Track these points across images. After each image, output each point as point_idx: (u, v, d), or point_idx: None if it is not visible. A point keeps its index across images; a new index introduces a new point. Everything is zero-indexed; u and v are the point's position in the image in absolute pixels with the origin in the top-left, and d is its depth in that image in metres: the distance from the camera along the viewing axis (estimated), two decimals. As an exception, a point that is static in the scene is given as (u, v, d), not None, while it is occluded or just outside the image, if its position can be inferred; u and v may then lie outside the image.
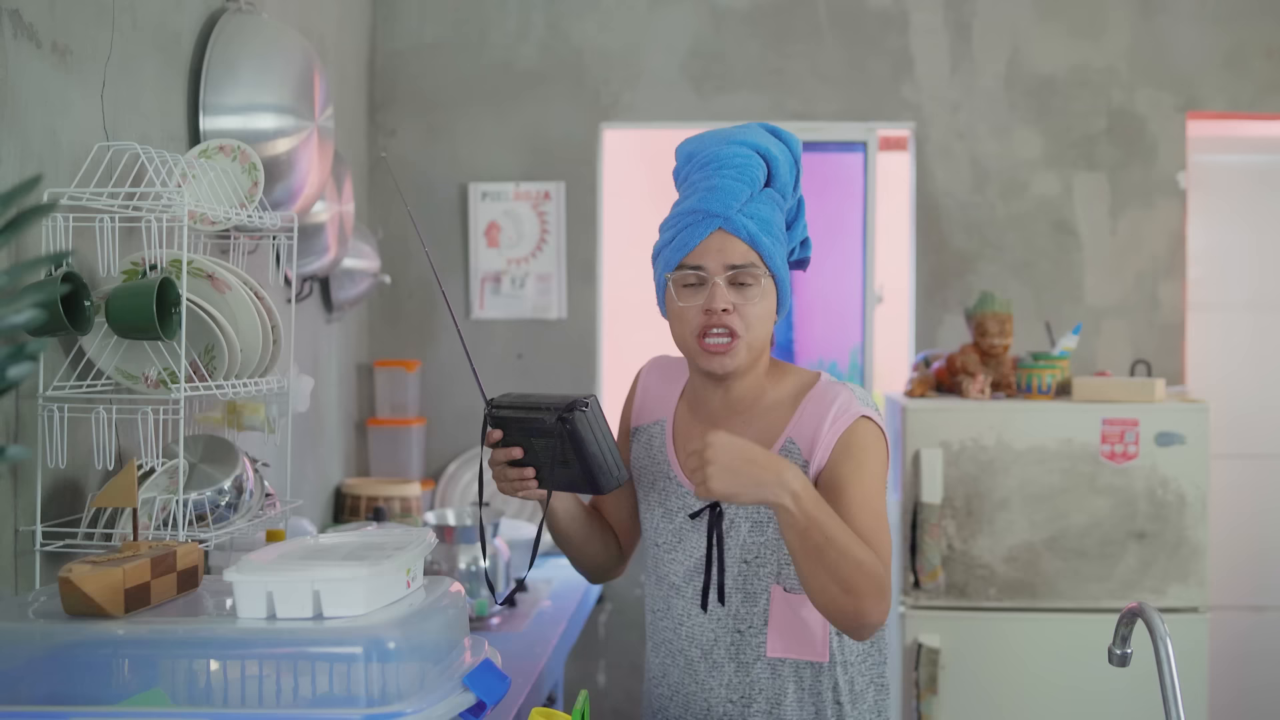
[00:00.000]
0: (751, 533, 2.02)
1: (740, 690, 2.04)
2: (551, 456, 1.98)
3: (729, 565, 2.03)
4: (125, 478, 1.86)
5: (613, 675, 4.25)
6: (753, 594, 2.03)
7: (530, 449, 2.00)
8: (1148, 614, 1.69)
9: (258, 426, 2.50)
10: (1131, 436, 3.47)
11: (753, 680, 2.03)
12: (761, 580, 2.02)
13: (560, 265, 4.22)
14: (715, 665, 2.05)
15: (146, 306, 1.99)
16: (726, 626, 2.04)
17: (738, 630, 2.04)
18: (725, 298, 1.97)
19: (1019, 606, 3.49)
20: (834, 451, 1.97)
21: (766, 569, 2.02)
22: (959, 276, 4.18)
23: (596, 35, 4.23)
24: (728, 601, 2.04)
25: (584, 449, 1.96)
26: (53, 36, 2.09)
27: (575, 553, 2.22)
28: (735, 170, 2.00)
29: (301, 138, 2.70)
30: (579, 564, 2.25)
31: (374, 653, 1.59)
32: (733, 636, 2.04)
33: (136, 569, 1.70)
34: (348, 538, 1.89)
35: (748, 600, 2.03)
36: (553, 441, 1.97)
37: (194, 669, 1.63)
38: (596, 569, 2.27)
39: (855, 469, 1.96)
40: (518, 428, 2.00)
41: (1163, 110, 4.17)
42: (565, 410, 1.94)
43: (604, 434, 1.98)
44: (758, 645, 2.03)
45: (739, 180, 1.99)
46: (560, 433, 1.95)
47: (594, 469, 1.97)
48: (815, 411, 2.01)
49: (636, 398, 2.24)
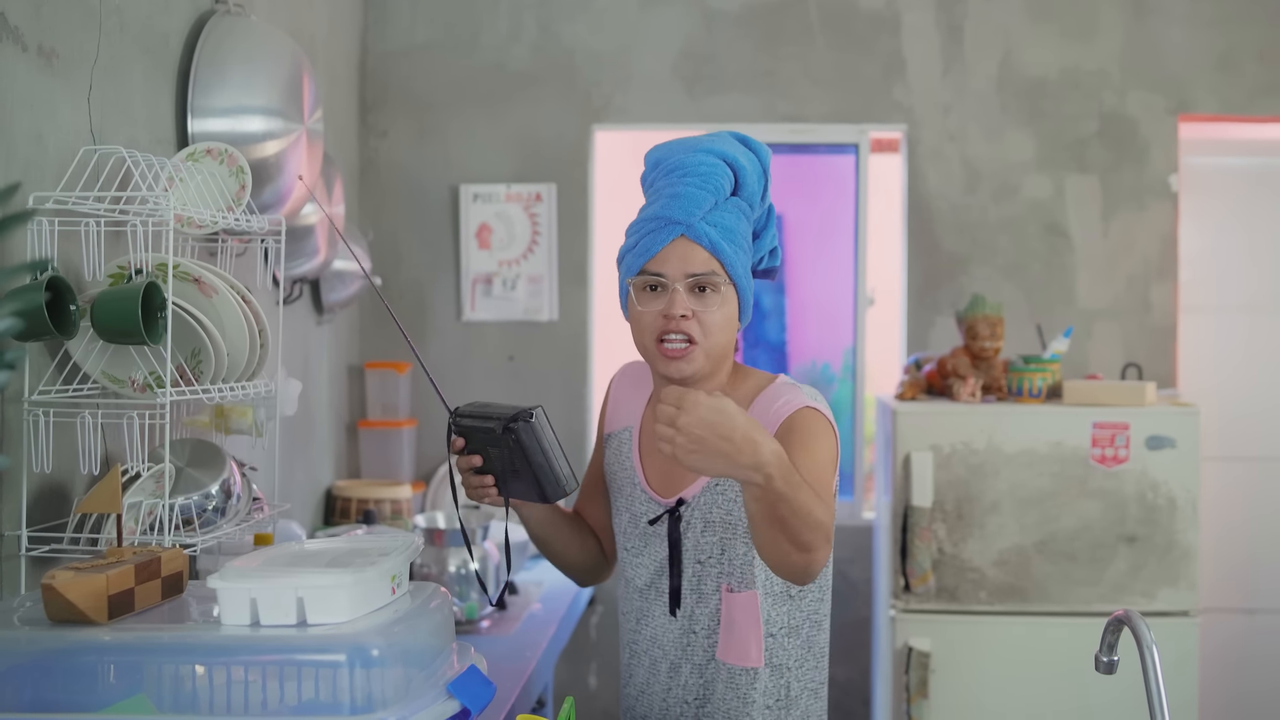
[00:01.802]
0: (704, 533, 2.04)
1: (694, 691, 2.06)
2: (504, 465, 2.03)
3: (685, 568, 2.06)
4: (109, 483, 1.86)
5: (603, 678, 4.25)
6: (705, 594, 2.05)
7: (488, 457, 2.04)
8: (1134, 622, 1.69)
9: (245, 430, 2.50)
10: (1122, 440, 3.47)
11: (705, 681, 2.05)
12: (712, 581, 2.04)
13: (552, 267, 4.21)
14: (673, 666, 2.08)
15: (132, 311, 1.99)
16: (683, 628, 2.07)
17: (692, 631, 2.06)
18: (684, 304, 1.99)
19: (1009, 610, 3.49)
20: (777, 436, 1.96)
21: (716, 569, 2.04)
22: (950, 279, 4.18)
23: (588, 37, 4.22)
24: (684, 604, 2.06)
25: (529, 458, 1.99)
26: (38, 39, 2.08)
27: (554, 557, 2.26)
28: (700, 178, 2.01)
29: (290, 140, 2.69)
30: (561, 567, 2.29)
31: (357, 660, 1.59)
32: (688, 638, 2.07)
33: (120, 575, 1.69)
34: (333, 543, 1.89)
35: (701, 601, 2.05)
36: (504, 451, 2.00)
37: (178, 675, 1.63)
38: (580, 572, 2.30)
39: (799, 446, 1.92)
40: (477, 436, 2.04)
41: (1154, 112, 4.17)
42: (510, 421, 1.98)
43: (549, 444, 2.00)
44: (709, 646, 2.05)
45: (703, 188, 2.01)
46: (507, 443, 1.99)
47: (540, 478, 2.01)
48: (763, 408, 2.03)
49: (608, 405, 2.29)
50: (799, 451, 1.92)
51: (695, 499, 2.05)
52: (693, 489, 2.05)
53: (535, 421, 1.98)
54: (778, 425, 1.98)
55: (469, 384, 4.16)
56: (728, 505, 2.02)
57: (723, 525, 2.02)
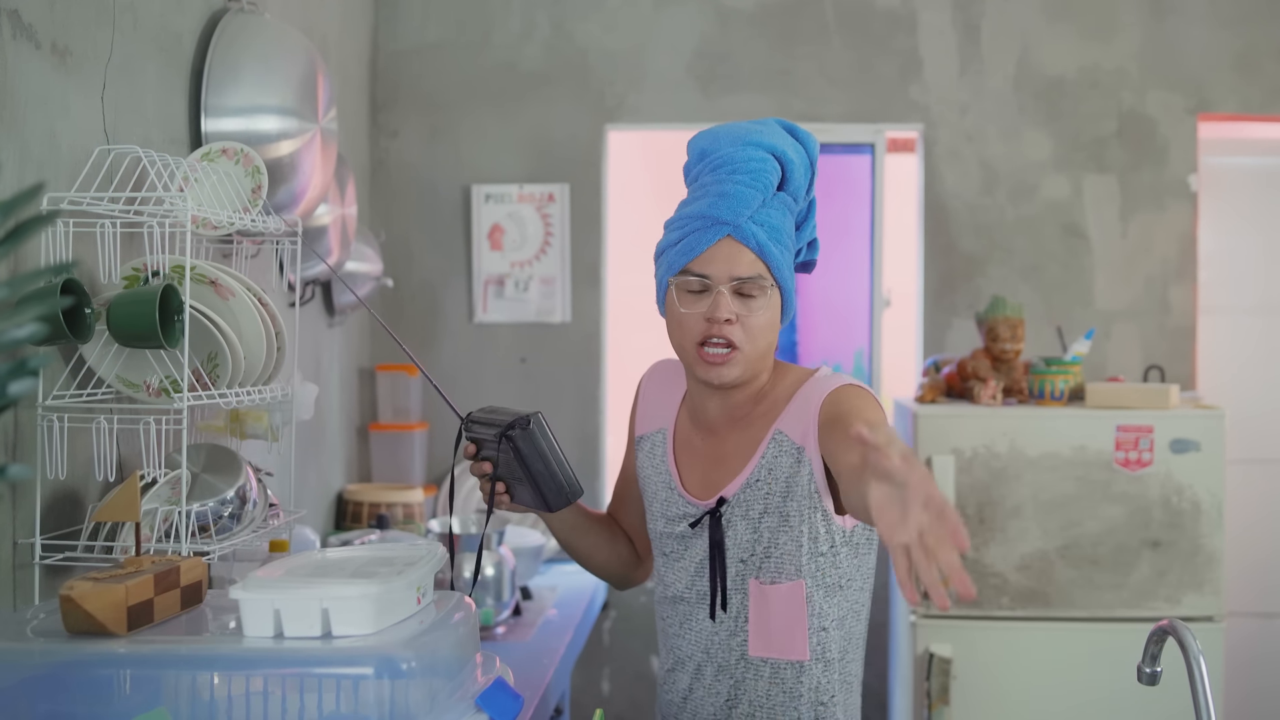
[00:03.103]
0: (747, 530, 1.99)
1: (725, 693, 2.01)
2: (510, 472, 2.00)
3: (729, 567, 2.01)
4: (127, 491, 1.82)
5: (617, 683, 4.21)
6: (749, 593, 2.00)
7: (496, 463, 2.01)
8: (1180, 632, 1.64)
9: (261, 435, 2.46)
10: (1146, 443, 3.42)
11: (736, 681, 2.00)
12: (754, 577, 1.99)
13: (564, 268, 4.17)
14: (720, 669, 2.03)
15: (149, 314, 1.94)
16: (728, 629, 2.02)
17: (736, 632, 2.01)
18: (729, 308, 1.92)
19: (1032, 616, 3.44)
20: (821, 426, 1.91)
21: (759, 565, 1.98)
22: (967, 280, 4.14)
23: (601, 36, 4.18)
24: (730, 605, 2.01)
25: (527, 466, 1.97)
26: (52, 37, 2.04)
27: (583, 561, 2.22)
28: (749, 175, 1.94)
29: (304, 140, 2.65)
30: (591, 570, 2.25)
31: (385, 672, 1.55)
32: (733, 639, 2.02)
33: (139, 585, 1.65)
34: (356, 552, 1.85)
35: (746, 600, 2.00)
36: (506, 458, 1.98)
37: (199, 688, 1.59)
38: (612, 576, 2.26)
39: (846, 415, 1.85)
40: (485, 442, 2.02)
41: (1173, 112, 4.12)
42: (506, 429, 1.95)
43: (548, 452, 1.97)
44: (739, 645, 2.00)
45: (752, 187, 1.93)
46: (506, 450, 1.96)
47: (540, 486, 1.98)
48: (804, 400, 1.97)
49: (638, 406, 2.22)
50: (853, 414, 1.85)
51: (735, 496, 1.99)
52: (733, 486, 2.00)
53: (532, 429, 1.95)
54: (819, 408, 1.92)
55: (481, 387, 4.12)
56: (768, 498, 1.97)
57: (763, 518, 1.97)
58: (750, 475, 1.98)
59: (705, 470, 2.05)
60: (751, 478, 1.98)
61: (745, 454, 2.01)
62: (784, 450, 1.96)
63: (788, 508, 1.95)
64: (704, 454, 2.06)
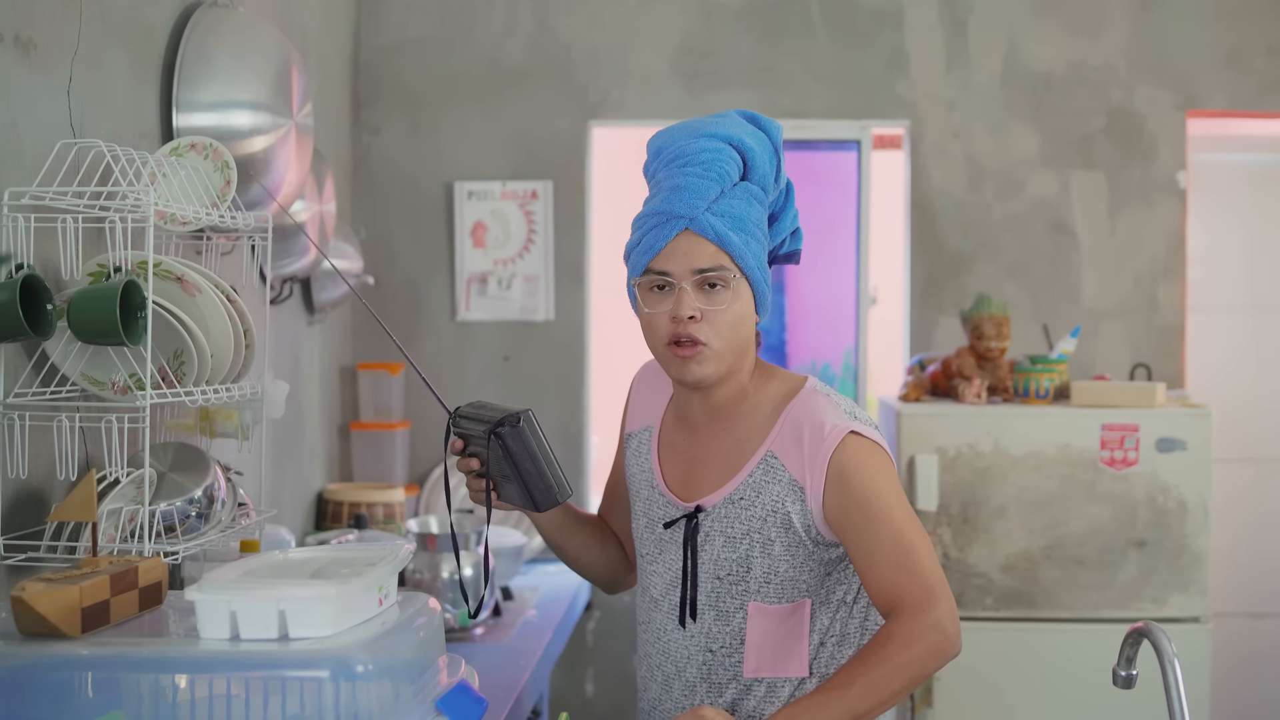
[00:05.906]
0: (725, 548, 1.93)
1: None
2: (499, 470, 1.95)
3: (702, 581, 1.95)
4: (83, 491, 1.78)
5: (601, 684, 4.18)
6: (725, 612, 1.94)
7: (484, 460, 1.96)
8: (1154, 634, 1.61)
9: (231, 433, 2.43)
10: (1132, 442, 3.39)
11: (727, 701, 1.94)
12: (735, 598, 1.93)
13: (548, 266, 4.14)
14: (689, 685, 1.97)
15: (109, 310, 1.91)
16: (699, 645, 1.96)
17: (709, 649, 1.95)
18: (691, 304, 1.88)
19: (1016, 616, 3.41)
20: (828, 483, 1.87)
21: (740, 586, 1.93)
22: (954, 278, 4.11)
23: (585, 31, 4.15)
24: (700, 619, 1.96)
25: (516, 465, 1.91)
26: (15, 29, 2.01)
27: (571, 563, 2.19)
28: (702, 167, 1.89)
29: (278, 135, 2.61)
30: (579, 572, 2.22)
31: (341, 675, 1.52)
32: (704, 655, 1.95)
33: (94, 586, 1.62)
34: (319, 552, 1.82)
35: (720, 618, 1.94)
36: (494, 455, 1.93)
37: (157, 691, 1.56)
38: (601, 578, 2.22)
39: (860, 502, 1.85)
40: (473, 439, 1.97)
41: (1162, 108, 4.10)
42: (495, 426, 1.90)
43: (537, 450, 1.91)
44: (733, 665, 1.94)
45: (705, 178, 1.88)
46: (495, 448, 1.91)
47: (529, 485, 1.92)
48: (797, 426, 1.91)
49: (629, 405, 2.19)
50: (860, 506, 1.84)
51: (715, 508, 1.94)
52: (713, 497, 1.95)
53: (522, 426, 1.89)
54: (826, 466, 1.87)
55: (464, 385, 4.09)
56: (750, 519, 1.91)
57: (747, 540, 1.91)
58: (734, 491, 1.93)
59: (686, 469, 2.00)
60: (735, 494, 1.93)
61: (729, 464, 1.95)
62: (776, 478, 1.91)
63: (774, 534, 1.90)
64: (686, 453, 2.02)
